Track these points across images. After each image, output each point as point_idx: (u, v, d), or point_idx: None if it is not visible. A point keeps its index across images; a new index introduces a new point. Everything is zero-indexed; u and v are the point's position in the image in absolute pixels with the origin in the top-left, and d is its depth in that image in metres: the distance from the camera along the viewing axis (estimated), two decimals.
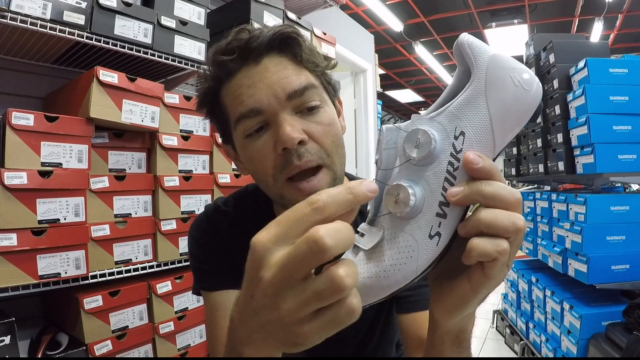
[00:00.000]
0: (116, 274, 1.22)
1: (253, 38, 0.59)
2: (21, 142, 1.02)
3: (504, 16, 5.39)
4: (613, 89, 1.91)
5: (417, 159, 0.34)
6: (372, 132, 3.73)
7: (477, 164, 0.33)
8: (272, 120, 0.58)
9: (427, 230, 0.34)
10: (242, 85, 0.59)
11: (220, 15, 1.71)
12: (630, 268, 1.79)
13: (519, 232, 0.33)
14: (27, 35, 1.11)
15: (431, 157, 0.34)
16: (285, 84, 0.58)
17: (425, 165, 0.34)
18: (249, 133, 0.59)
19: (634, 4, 4.81)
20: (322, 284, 0.29)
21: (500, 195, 0.33)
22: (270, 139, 0.58)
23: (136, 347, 1.26)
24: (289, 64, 0.60)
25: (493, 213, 0.33)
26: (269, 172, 0.59)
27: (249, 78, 0.59)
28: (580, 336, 1.81)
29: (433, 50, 6.63)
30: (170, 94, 1.37)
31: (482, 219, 0.33)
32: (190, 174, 1.41)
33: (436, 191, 0.34)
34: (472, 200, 0.34)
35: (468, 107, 0.35)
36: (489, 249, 0.33)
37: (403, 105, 10.36)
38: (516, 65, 0.35)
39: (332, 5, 2.16)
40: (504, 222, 0.33)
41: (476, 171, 0.33)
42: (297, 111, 0.59)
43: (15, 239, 0.99)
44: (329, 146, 0.60)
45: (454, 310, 0.38)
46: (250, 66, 0.59)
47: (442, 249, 0.34)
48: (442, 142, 0.34)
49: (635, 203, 1.85)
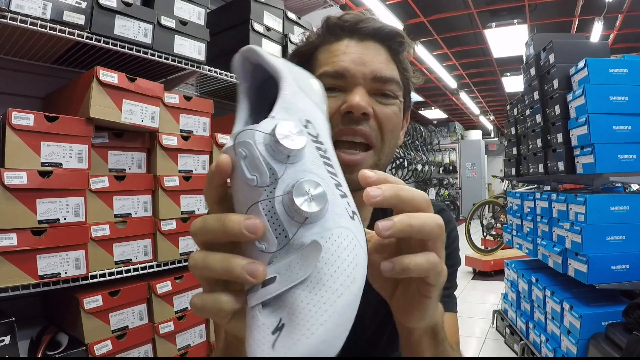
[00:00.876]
0: (116, 274, 1.21)
1: (365, 20, 0.64)
2: (21, 142, 1.02)
3: (504, 16, 5.40)
4: (613, 89, 1.91)
5: (294, 154, 0.31)
6: None
7: (378, 195, 0.33)
8: (350, 87, 0.61)
9: (346, 213, 0.31)
10: (339, 50, 0.63)
11: (220, 15, 1.71)
12: (630, 268, 1.79)
13: (442, 231, 0.35)
14: (27, 35, 1.11)
15: (300, 154, 0.31)
16: (377, 68, 0.61)
17: (301, 160, 0.31)
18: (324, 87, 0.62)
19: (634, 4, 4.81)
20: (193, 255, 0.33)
21: (414, 198, 0.35)
22: (341, 99, 0.60)
23: (136, 347, 1.26)
24: (386, 54, 0.64)
25: (420, 217, 0.34)
26: None
27: (348, 47, 0.63)
28: (580, 336, 1.81)
29: (433, 50, 6.63)
30: (170, 94, 1.37)
31: (413, 224, 0.33)
32: (190, 174, 1.41)
33: (325, 177, 0.32)
34: (402, 229, 0.33)
35: (296, 100, 0.37)
36: (422, 264, 0.33)
37: None
38: (286, 61, 0.42)
39: (332, 5, 2.16)
40: (431, 224, 0.34)
41: (380, 204, 0.33)
42: (373, 93, 0.62)
43: (15, 239, 0.99)
44: (388, 131, 0.62)
45: (424, 316, 0.39)
46: (354, 40, 0.64)
47: (365, 226, 0.36)
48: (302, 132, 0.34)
49: (635, 203, 1.85)
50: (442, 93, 9.57)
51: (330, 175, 0.32)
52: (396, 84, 0.63)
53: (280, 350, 0.26)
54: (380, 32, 0.64)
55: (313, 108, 0.38)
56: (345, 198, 0.32)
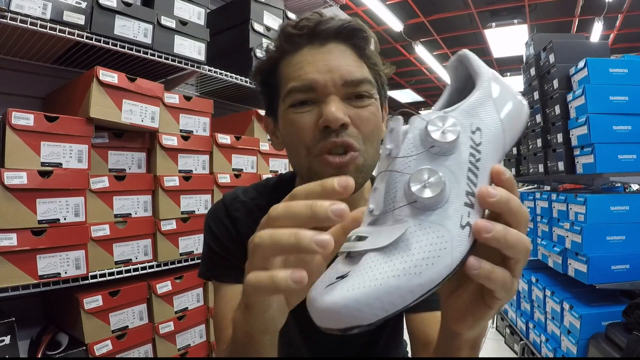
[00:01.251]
0: (116, 274, 1.21)
1: (324, 22, 0.62)
2: (21, 142, 1.02)
3: (504, 16, 5.40)
4: (613, 89, 1.91)
5: (440, 146, 0.33)
6: None
7: (493, 196, 0.32)
8: (322, 99, 0.60)
9: (458, 220, 0.31)
10: (303, 61, 0.61)
11: (220, 15, 1.71)
12: (630, 268, 1.79)
13: (527, 255, 0.34)
14: (27, 35, 1.11)
15: (454, 146, 0.33)
16: (345, 72, 0.60)
17: (447, 155, 0.33)
18: (296, 104, 0.61)
19: (634, 4, 4.81)
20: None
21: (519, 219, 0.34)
22: (315, 114, 0.60)
23: (136, 347, 1.26)
24: (351, 55, 0.62)
25: (515, 236, 0.33)
26: (305, 142, 0.60)
27: (312, 56, 0.61)
28: (580, 336, 1.81)
29: (433, 50, 6.64)
30: (170, 94, 1.37)
31: (508, 240, 0.32)
32: (190, 174, 1.41)
33: (461, 180, 0.33)
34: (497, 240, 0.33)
35: (479, 108, 0.36)
36: (500, 278, 0.33)
37: (403, 105, 10.37)
38: (509, 83, 0.40)
39: (332, 5, 2.16)
40: (521, 247, 0.33)
41: (494, 204, 0.33)
42: (347, 98, 0.61)
43: (15, 239, 0.99)
44: (368, 133, 0.61)
45: (475, 324, 0.38)
46: (316, 46, 0.62)
47: (472, 241, 0.32)
48: (462, 134, 0.35)
49: (635, 203, 1.85)
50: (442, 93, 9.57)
51: (468, 181, 0.33)
52: (368, 82, 0.62)
53: (324, 291, 0.30)
54: (342, 32, 0.62)
55: (494, 121, 0.36)
56: (468, 208, 0.32)
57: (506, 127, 0.37)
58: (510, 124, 0.38)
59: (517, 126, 0.38)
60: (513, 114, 0.38)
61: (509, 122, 0.38)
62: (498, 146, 0.36)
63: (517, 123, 0.39)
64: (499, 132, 0.37)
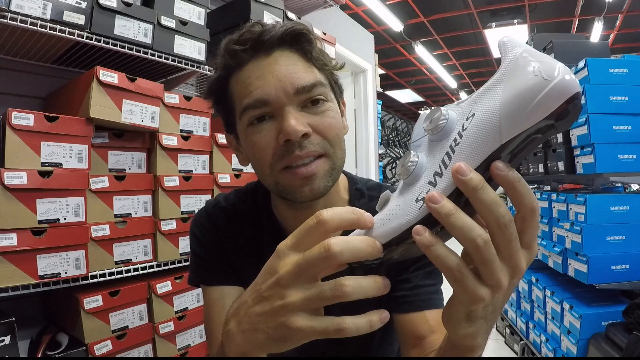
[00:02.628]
0: (116, 274, 1.22)
1: (266, 31, 0.60)
2: (21, 142, 1.02)
3: (504, 16, 5.39)
4: (613, 89, 1.91)
5: (430, 132, 0.37)
6: (372, 132, 3.73)
7: (464, 175, 0.31)
8: (278, 112, 0.59)
9: (417, 194, 0.36)
10: (251, 76, 0.60)
11: (220, 15, 1.71)
12: (630, 268, 1.79)
13: (477, 249, 0.32)
14: (27, 35, 1.11)
15: (442, 133, 0.36)
16: (295, 79, 0.59)
17: (438, 141, 0.37)
18: (253, 121, 0.60)
19: (634, 4, 4.81)
20: (328, 285, 0.34)
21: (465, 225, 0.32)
22: (274, 129, 0.59)
23: (136, 347, 1.26)
24: (298, 60, 0.61)
25: (461, 219, 0.32)
26: (267, 160, 0.60)
27: (259, 69, 0.60)
28: (580, 336, 1.81)
29: (433, 50, 6.63)
30: (170, 94, 1.37)
31: (452, 221, 0.32)
32: (190, 174, 1.41)
33: (436, 162, 0.36)
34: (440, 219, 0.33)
35: (486, 93, 0.35)
36: (439, 254, 0.33)
37: (403, 105, 10.37)
38: (545, 59, 0.32)
39: (332, 5, 2.16)
40: (464, 232, 0.32)
41: (460, 183, 0.32)
42: (303, 106, 0.60)
43: (15, 239, 0.99)
44: (333, 138, 0.61)
45: (447, 321, 0.38)
46: (261, 58, 0.60)
47: (424, 214, 0.34)
48: (454, 121, 0.36)
49: (635, 203, 1.85)
50: (442, 93, 9.58)
51: (440, 163, 0.36)
52: (321, 85, 0.61)
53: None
54: (285, 38, 0.61)
55: (490, 107, 0.33)
56: (430, 185, 0.36)
57: (506, 110, 0.32)
58: (511, 105, 0.32)
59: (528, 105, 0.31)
60: (520, 94, 0.32)
61: (510, 103, 0.32)
62: (487, 133, 0.33)
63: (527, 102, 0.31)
64: (492, 118, 0.33)
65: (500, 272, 0.32)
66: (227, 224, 0.75)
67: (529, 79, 0.32)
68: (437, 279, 0.69)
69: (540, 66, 0.31)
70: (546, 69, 0.31)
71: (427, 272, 0.68)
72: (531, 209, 0.33)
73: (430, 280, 0.68)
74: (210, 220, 0.76)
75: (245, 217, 0.75)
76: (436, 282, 0.69)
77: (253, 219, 0.75)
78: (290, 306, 0.35)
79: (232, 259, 0.74)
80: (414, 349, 0.63)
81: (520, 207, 0.33)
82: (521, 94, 0.32)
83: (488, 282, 0.33)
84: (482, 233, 0.32)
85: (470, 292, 0.33)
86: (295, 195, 0.61)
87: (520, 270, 0.34)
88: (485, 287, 0.33)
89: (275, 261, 0.36)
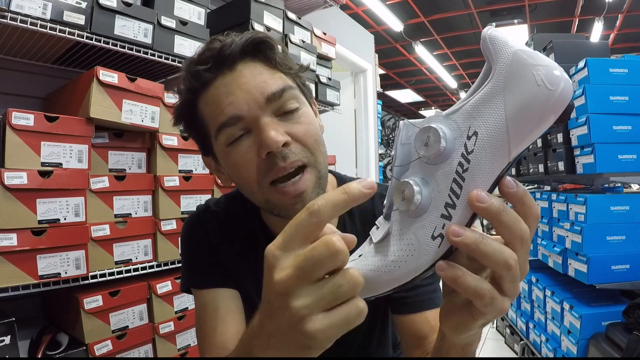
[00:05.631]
0: (116, 274, 1.21)
1: (225, 46, 0.59)
2: (21, 142, 1.02)
3: (504, 16, 5.40)
4: (613, 89, 1.91)
5: (427, 157, 0.33)
6: (372, 132, 3.73)
7: (484, 202, 0.31)
8: (254, 125, 0.58)
9: (431, 230, 0.33)
10: (219, 94, 0.59)
11: (220, 15, 1.71)
12: (630, 268, 1.79)
13: (511, 270, 0.33)
14: (27, 35, 1.11)
15: (441, 156, 0.33)
16: (263, 88, 0.58)
17: (437, 164, 0.33)
18: (231, 141, 0.59)
19: (634, 4, 4.81)
20: (341, 279, 0.31)
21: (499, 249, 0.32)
22: (254, 144, 0.58)
23: (136, 347, 1.26)
24: (263, 69, 0.60)
25: (491, 246, 0.32)
26: (253, 177, 0.59)
27: (226, 86, 0.59)
28: (580, 336, 1.81)
29: (433, 50, 6.63)
30: (170, 94, 1.37)
31: (482, 250, 0.32)
32: (190, 174, 1.41)
33: (443, 192, 0.33)
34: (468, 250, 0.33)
35: (484, 106, 0.32)
36: (470, 285, 0.33)
37: (403, 105, 10.37)
38: (542, 62, 0.31)
39: (332, 5, 2.16)
40: (498, 258, 0.32)
41: (481, 211, 0.32)
42: (277, 115, 0.59)
43: (15, 239, 0.99)
44: (312, 145, 0.60)
45: (458, 330, 0.39)
46: (226, 74, 0.59)
47: (444, 251, 0.33)
48: (453, 141, 0.33)
49: (635, 203, 1.85)
50: (442, 93, 9.57)
51: (450, 193, 0.33)
52: (290, 89, 0.60)
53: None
54: (247, 49, 0.60)
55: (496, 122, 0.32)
56: (444, 219, 0.33)
57: (513, 125, 0.31)
58: (521, 121, 0.31)
59: (536, 118, 0.31)
60: (528, 107, 0.31)
61: (519, 118, 0.31)
62: (498, 153, 0.32)
63: (535, 116, 0.31)
64: (501, 137, 0.31)
65: (520, 282, 0.34)
66: (219, 228, 0.75)
67: (533, 90, 0.31)
68: (435, 277, 0.69)
69: (542, 74, 0.31)
70: (549, 77, 0.31)
71: None
72: (536, 218, 0.34)
73: (428, 280, 0.68)
74: (200, 224, 0.76)
75: (237, 220, 0.75)
76: (434, 280, 0.69)
77: (245, 223, 0.75)
78: (298, 314, 0.31)
79: (225, 262, 0.73)
80: (416, 349, 0.64)
81: (528, 218, 0.34)
82: (528, 108, 0.31)
83: (511, 295, 0.34)
84: (512, 253, 0.32)
85: (498, 309, 0.34)
86: (288, 213, 0.60)
87: (524, 274, 0.35)
88: (507, 299, 0.34)
89: (270, 270, 0.33)
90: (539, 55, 0.32)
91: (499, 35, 0.33)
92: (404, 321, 0.66)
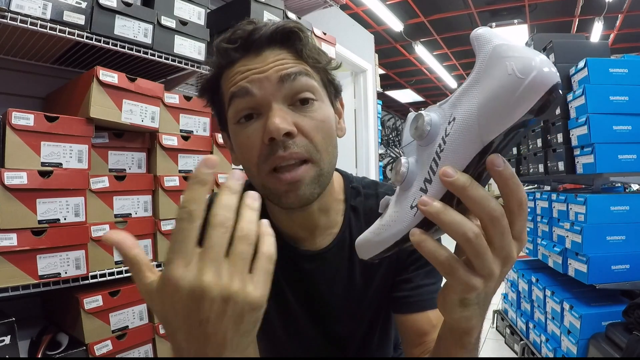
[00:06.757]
0: (116, 274, 1.21)
1: (257, 30, 0.60)
2: (21, 142, 1.02)
3: (504, 16, 5.40)
4: (613, 89, 1.91)
5: (417, 141, 0.39)
6: (372, 132, 3.73)
7: (449, 177, 0.33)
8: (264, 109, 0.58)
9: (411, 201, 0.38)
10: (238, 71, 0.60)
11: (220, 15, 1.71)
12: (630, 268, 1.79)
13: (468, 242, 0.33)
14: (27, 35, 1.11)
15: (427, 138, 0.37)
16: (280, 69, 0.58)
17: (426, 146, 0.38)
18: (239, 119, 0.60)
19: (634, 4, 4.81)
20: (239, 243, 0.34)
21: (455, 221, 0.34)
22: (260, 128, 0.58)
23: (136, 347, 1.26)
24: (288, 57, 0.60)
25: (451, 216, 0.34)
26: (254, 160, 0.59)
27: (247, 66, 0.59)
28: (580, 336, 1.81)
29: (433, 50, 6.64)
30: (170, 94, 1.37)
31: (442, 219, 0.34)
32: (190, 174, 1.41)
33: (425, 169, 0.38)
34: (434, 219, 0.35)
35: (464, 96, 0.35)
36: (430, 250, 0.35)
37: (403, 105, 10.36)
38: (520, 54, 0.31)
39: (332, 5, 2.16)
40: (460, 230, 0.33)
41: (448, 184, 0.34)
42: (290, 103, 0.59)
43: (15, 239, 0.99)
44: (319, 142, 0.59)
45: (445, 308, 0.40)
46: (251, 57, 0.60)
47: (419, 220, 0.37)
48: (438, 126, 0.37)
49: (635, 203, 1.85)
50: (442, 93, 9.57)
51: (429, 170, 0.37)
52: (307, 75, 0.59)
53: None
54: (275, 37, 0.60)
55: (469, 110, 0.34)
56: (422, 192, 0.37)
57: (484, 114, 0.32)
58: (489, 108, 0.32)
59: (504, 106, 0.31)
60: (496, 95, 0.32)
61: (487, 106, 0.32)
62: (468, 137, 0.34)
63: (504, 103, 0.31)
64: (471, 122, 0.33)
65: (492, 262, 0.34)
66: None
67: (502, 79, 0.31)
68: (437, 277, 0.69)
69: (515, 63, 0.31)
70: (520, 66, 0.31)
71: (427, 272, 0.68)
72: (519, 202, 0.34)
73: (431, 279, 0.68)
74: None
75: None
76: (436, 280, 0.69)
77: None
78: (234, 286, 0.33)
79: None
80: (417, 348, 0.64)
81: (510, 200, 0.34)
82: (496, 96, 0.32)
83: (480, 272, 0.35)
84: (472, 227, 0.33)
85: (462, 282, 0.35)
86: (281, 201, 0.60)
87: (511, 260, 0.36)
88: (477, 277, 0.35)
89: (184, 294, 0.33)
90: (521, 48, 0.32)
91: (484, 33, 0.35)
92: (405, 320, 0.66)
